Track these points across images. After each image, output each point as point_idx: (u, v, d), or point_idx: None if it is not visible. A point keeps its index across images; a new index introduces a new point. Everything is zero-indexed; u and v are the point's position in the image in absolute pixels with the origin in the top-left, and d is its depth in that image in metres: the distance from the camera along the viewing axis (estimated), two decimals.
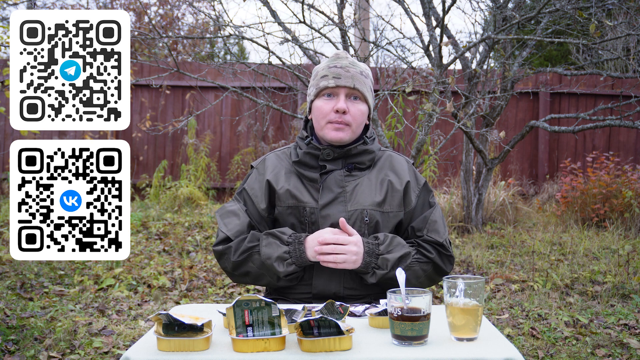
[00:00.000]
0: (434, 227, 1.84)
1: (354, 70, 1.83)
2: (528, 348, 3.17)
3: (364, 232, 1.80)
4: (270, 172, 1.87)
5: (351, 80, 1.81)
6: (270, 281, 1.81)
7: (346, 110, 1.80)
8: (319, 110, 1.84)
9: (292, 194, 1.82)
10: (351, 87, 1.81)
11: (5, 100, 8.29)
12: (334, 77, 1.81)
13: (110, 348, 3.11)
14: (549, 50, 10.21)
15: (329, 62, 1.88)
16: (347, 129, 1.81)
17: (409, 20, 5.57)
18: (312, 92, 1.87)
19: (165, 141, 8.50)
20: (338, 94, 1.82)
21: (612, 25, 4.28)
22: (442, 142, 5.29)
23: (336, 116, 1.80)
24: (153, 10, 12.39)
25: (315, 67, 1.92)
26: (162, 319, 1.29)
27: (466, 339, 1.34)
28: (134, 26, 12.35)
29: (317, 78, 1.86)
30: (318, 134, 1.87)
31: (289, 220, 1.82)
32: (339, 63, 1.85)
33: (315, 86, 1.86)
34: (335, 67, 1.83)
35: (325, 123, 1.82)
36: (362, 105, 1.84)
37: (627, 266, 4.43)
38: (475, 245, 5.35)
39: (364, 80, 1.84)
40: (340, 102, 1.80)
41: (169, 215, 6.52)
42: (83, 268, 4.64)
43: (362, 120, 1.85)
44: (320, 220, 1.79)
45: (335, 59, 1.87)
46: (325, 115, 1.82)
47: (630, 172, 6.43)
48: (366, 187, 1.83)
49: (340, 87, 1.81)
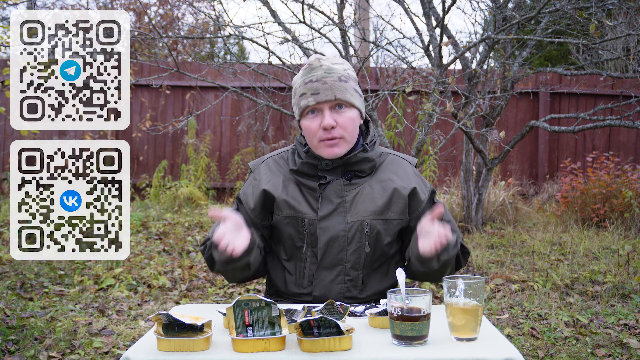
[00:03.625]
0: (451, 227, 1.80)
1: (331, 78, 1.73)
2: (528, 348, 3.17)
3: (364, 243, 1.77)
4: (267, 181, 1.82)
5: (330, 92, 1.72)
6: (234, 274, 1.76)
7: (334, 125, 1.72)
8: (308, 129, 1.76)
9: (289, 205, 1.78)
10: (332, 99, 1.72)
11: (5, 100, 8.29)
12: (312, 93, 1.72)
13: (110, 348, 3.11)
14: (549, 50, 10.21)
15: (304, 76, 1.77)
16: (340, 142, 1.74)
17: (409, 20, 5.57)
18: (297, 113, 1.79)
19: (165, 141, 8.50)
20: (322, 109, 1.73)
21: (612, 25, 4.28)
22: (442, 142, 5.29)
23: (325, 133, 1.72)
24: (153, 10, 12.39)
25: (293, 81, 1.83)
26: (162, 319, 1.29)
27: (466, 339, 1.34)
28: (134, 26, 12.35)
29: (297, 97, 1.78)
30: (313, 151, 1.80)
31: (287, 230, 1.79)
32: (314, 76, 1.74)
33: (297, 105, 1.78)
34: (311, 81, 1.74)
35: (317, 142, 1.75)
36: (350, 111, 1.75)
37: (627, 266, 4.43)
38: (475, 245, 5.35)
39: (344, 86, 1.74)
40: (325, 118, 1.72)
41: (169, 215, 6.52)
42: (83, 268, 4.64)
43: (353, 127, 1.77)
44: (319, 231, 1.76)
45: (309, 71, 1.76)
46: (314, 134, 1.74)
47: (630, 172, 6.43)
48: (367, 195, 1.78)
49: (320, 103, 1.72)
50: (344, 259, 1.77)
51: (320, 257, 1.77)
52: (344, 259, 1.77)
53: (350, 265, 1.78)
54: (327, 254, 1.77)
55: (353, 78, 1.80)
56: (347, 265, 1.77)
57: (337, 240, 1.76)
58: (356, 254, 1.77)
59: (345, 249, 1.77)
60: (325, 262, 1.77)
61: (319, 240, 1.76)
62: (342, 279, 1.78)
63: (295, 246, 1.80)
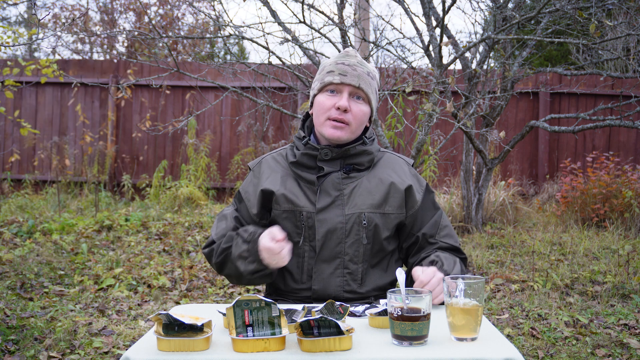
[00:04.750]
0: (448, 232, 1.85)
1: (361, 69, 1.79)
2: (528, 348, 3.17)
3: (362, 235, 1.78)
4: (265, 178, 1.84)
5: (357, 79, 1.77)
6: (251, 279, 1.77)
7: (348, 108, 1.76)
8: (321, 105, 1.80)
9: (288, 199, 1.80)
10: (356, 85, 1.77)
11: (5, 100, 8.29)
12: (340, 73, 1.78)
13: (110, 348, 3.11)
14: (549, 50, 10.21)
15: (337, 58, 1.83)
16: (346, 128, 1.78)
17: (409, 20, 5.58)
18: (316, 87, 1.84)
19: (165, 141, 8.50)
20: (342, 91, 1.78)
21: (612, 25, 4.28)
22: (442, 142, 5.29)
23: (337, 113, 1.77)
24: (153, 10, 12.38)
25: (322, 62, 1.90)
26: (162, 319, 1.29)
27: (466, 339, 1.34)
28: (134, 26, 12.35)
29: (323, 72, 1.82)
30: (317, 129, 1.83)
31: (285, 225, 1.80)
32: (347, 60, 1.81)
33: (320, 80, 1.82)
34: (343, 64, 1.80)
35: (325, 119, 1.79)
36: (365, 106, 1.81)
37: (627, 266, 4.43)
38: (475, 245, 5.35)
39: (369, 81, 1.80)
40: (343, 99, 1.77)
41: (169, 215, 6.52)
42: (83, 268, 4.64)
43: (362, 120, 1.81)
44: (317, 224, 1.77)
45: (344, 55, 1.83)
46: (326, 111, 1.79)
47: (630, 172, 6.43)
48: (364, 189, 1.80)
49: (344, 84, 1.77)
50: (342, 251, 1.78)
51: (319, 249, 1.78)
52: (342, 252, 1.78)
53: (349, 258, 1.79)
54: (326, 246, 1.78)
55: (377, 80, 1.87)
56: (345, 258, 1.78)
57: (335, 232, 1.77)
58: (354, 246, 1.78)
59: (344, 241, 1.78)
60: (323, 255, 1.78)
61: (317, 232, 1.77)
62: (341, 272, 1.79)
63: (293, 242, 1.80)
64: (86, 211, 6.83)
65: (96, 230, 5.75)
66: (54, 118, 8.58)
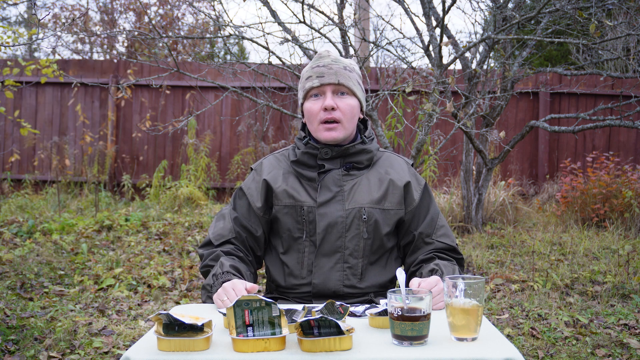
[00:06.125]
0: (444, 232, 1.87)
1: (337, 66, 1.83)
2: (528, 348, 3.17)
3: (363, 230, 1.81)
4: (267, 173, 1.88)
5: (334, 76, 1.81)
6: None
7: (334, 106, 1.80)
8: (309, 111, 1.85)
9: (289, 194, 1.83)
10: (335, 82, 1.81)
11: (5, 100, 8.29)
12: (318, 76, 1.82)
13: (110, 348, 3.11)
14: (549, 50, 10.21)
15: (312, 62, 1.88)
16: (338, 127, 1.81)
17: (409, 20, 5.58)
18: (301, 96, 1.89)
19: (165, 141, 8.50)
20: (324, 92, 1.82)
21: (612, 25, 4.28)
22: (442, 142, 5.29)
23: (325, 114, 1.81)
24: (153, 10, 12.38)
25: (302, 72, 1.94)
26: (162, 319, 1.29)
27: (466, 339, 1.34)
28: (134, 26, 12.36)
29: (303, 81, 1.88)
30: (313, 136, 1.88)
31: (286, 221, 1.83)
32: (321, 62, 1.85)
33: (302, 89, 1.87)
34: (318, 66, 1.84)
35: (317, 124, 1.83)
36: (351, 99, 1.84)
37: (627, 266, 4.43)
38: (475, 245, 5.35)
39: (348, 74, 1.83)
40: (327, 99, 1.80)
41: (169, 215, 6.52)
42: (83, 268, 4.64)
43: (352, 114, 1.84)
44: (318, 217, 1.80)
45: (317, 58, 1.88)
46: (315, 116, 1.83)
47: (630, 172, 6.43)
48: (364, 186, 1.84)
49: (324, 85, 1.81)
50: (342, 245, 1.80)
51: (319, 243, 1.80)
52: (342, 246, 1.80)
53: (349, 253, 1.80)
54: (326, 240, 1.80)
55: (357, 72, 1.89)
56: (345, 252, 1.80)
57: (335, 226, 1.79)
58: (355, 240, 1.81)
59: (344, 235, 1.80)
60: (324, 249, 1.80)
61: (317, 226, 1.80)
62: (341, 266, 1.80)
63: (293, 237, 1.83)
64: (86, 211, 6.83)
65: (96, 230, 5.75)
66: (54, 118, 8.58)
